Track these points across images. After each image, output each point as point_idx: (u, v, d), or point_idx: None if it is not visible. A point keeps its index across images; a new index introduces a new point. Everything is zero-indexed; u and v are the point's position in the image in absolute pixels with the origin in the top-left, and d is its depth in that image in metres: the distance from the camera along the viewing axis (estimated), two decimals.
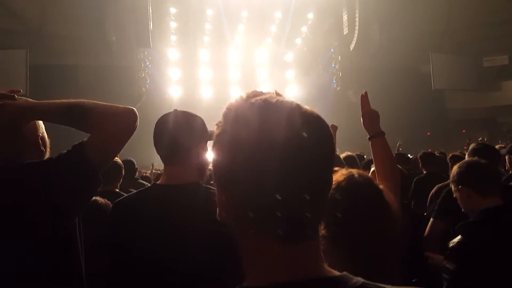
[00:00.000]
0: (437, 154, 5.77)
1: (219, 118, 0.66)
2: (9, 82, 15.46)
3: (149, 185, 4.12)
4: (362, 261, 0.91)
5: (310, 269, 0.59)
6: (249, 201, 0.59)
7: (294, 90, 22.26)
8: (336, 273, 0.60)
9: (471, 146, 3.04)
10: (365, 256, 0.97)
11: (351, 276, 0.60)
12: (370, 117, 1.79)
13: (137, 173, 4.85)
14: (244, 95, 0.66)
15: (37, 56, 17.50)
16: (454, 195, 2.00)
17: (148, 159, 9.24)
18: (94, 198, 2.27)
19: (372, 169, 1.84)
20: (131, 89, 19.57)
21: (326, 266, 0.61)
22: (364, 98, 1.85)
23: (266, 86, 21.93)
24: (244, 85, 21.69)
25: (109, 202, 2.12)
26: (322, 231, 0.67)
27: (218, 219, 0.66)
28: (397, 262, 1.06)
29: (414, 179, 4.42)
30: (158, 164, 6.37)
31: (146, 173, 6.90)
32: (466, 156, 2.97)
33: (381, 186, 1.16)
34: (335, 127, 3.67)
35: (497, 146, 4.88)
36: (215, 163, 0.64)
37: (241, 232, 0.62)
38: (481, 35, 21.98)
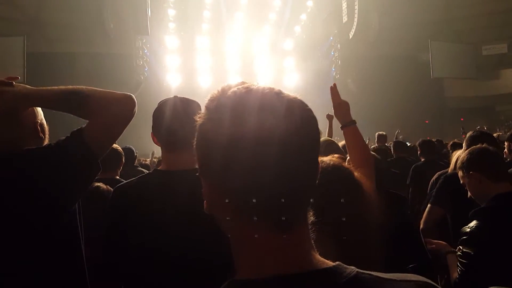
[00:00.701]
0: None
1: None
2: (6, 69, 15.37)
3: (147, 172, 4.14)
4: (336, 243, 0.91)
5: (302, 260, 0.58)
6: (233, 190, 0.58)
7: (293, 78, 22.19)
8: (330, 263, 0.59)
9: (468, 134, 3.05)
10: (339, 237, 0.96)
11: (344, 266, 0.59)
12: (341, 108, 1.90)
13: (136, 161, 4.86)
14: (224, 86, 0.67)
15: (35, 43, 17.37)
16: (462, 181, 2.00)
17: (147, 147, 9.25)
18: (96, 184, 2.29)
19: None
20: (129, 76, 19.45)
21: (317, 256, 0.60)
22: (334, 91, 1.93)
23: (265, 74, 21.86)
24: (243, 72, 21.61)
25: (111, 188, 2.13)
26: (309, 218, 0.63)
27: (206, 212, 0.66)
28: (377, 245, 1.06)
29: (412, 166, 4.44)
30: (158, 152, 6.37)
31: (145, 160, 6.91)
32: (464, 144, 2.98)
33: (355, 173, 1.17)
34: (331, 116, 3.65)
35: (495, 135, 4.89)
36: (199, 155, 0.65)
37: (229, 224, 0.61)
38: (480, 24, 21.87)
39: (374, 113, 18.24)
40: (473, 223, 1.76)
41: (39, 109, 1.43)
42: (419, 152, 4.83)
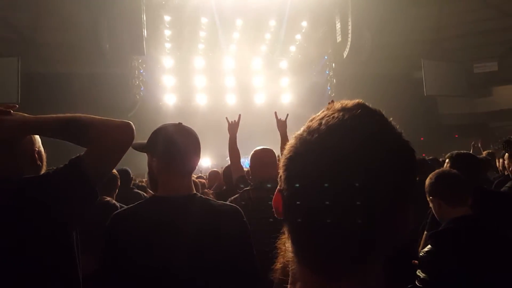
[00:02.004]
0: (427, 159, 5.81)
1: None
2: (1, 91, 15.35)
3: (144, 194, 4.11)
4: None
5: None
6: (299, 223, 0.54)
7: (289, 97, 22.36)
8: None
9: (447, 155, 2.99)
10: None
11: None
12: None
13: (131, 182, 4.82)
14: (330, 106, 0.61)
15: (30, 64, 17.40)
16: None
17: (142, 167, 9.19)
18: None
19: None
20: (125, 96, 19.49)
21: None
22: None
23: (261, 94, 22.02)
24: (239, 92, 21.75)
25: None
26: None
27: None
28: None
29: None
30: None
31: (141, 182, 6.85)
32: (445, 164, 2.94)
33: None
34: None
35: (484, 153, 4.92)
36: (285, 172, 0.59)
37: (291, 247, 0.58)
38: (470, 43, 22.32)
39: None
40: (427, 248, 1.77)
41: (36, 137, 1.43)
42: None
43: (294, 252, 0.57)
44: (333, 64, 22.74)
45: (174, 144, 1.53)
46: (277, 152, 2.75)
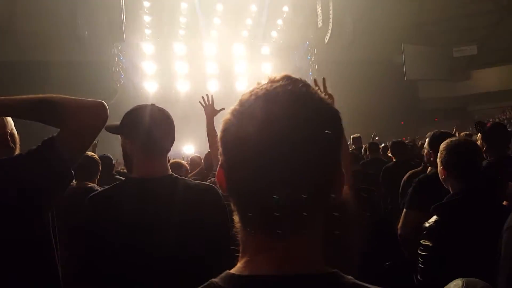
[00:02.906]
0: (407, 142, 5.94)
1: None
2: None
3: None
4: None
5: (300, 264, 0.56)
6: (243, 191, 0.57)
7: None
8: (329, 270, 0.58)
9: (428, 134, 3.05)
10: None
11: (341, 274, 0.58)
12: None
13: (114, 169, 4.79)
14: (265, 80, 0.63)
15: (6, 52, 16.92)
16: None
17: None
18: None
19: None
20: (105, 84, 19.15)
21: (320, 262, 0.59)
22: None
23: (243, 79, 21.92)
24: (221, 78, 21.59)
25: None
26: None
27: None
28: (354, 241, 1.09)
29: (383, 167, 4.51)
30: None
31: (123, 169, 6.80)
32: (426, 144, 2.96)
33: None
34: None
35: (462, 134, 5.04)
36: (222, 145, 0.61)
37: (237, 217, 0.61)
38: (450, 27, 22.60)
39: (351, 116, 18.38)
40: (433, 218, 1.83)
41: (9, 119, 1.41)
42: (390, 153, 4.93)
43: (241, 221, 0.60)
44: (315, 49, 22.76)
45: (146, 125, 1.52)
46: None
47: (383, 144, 6.49)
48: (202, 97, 3.14)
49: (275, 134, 0.54)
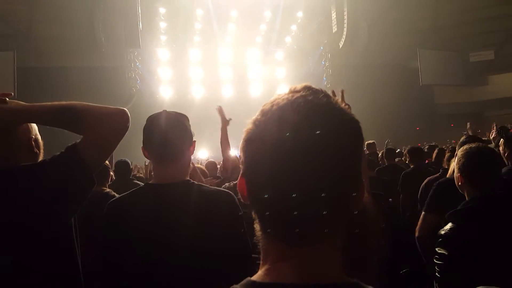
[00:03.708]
0: (426, 148, 5.88)
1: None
2: None
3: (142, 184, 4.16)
4: None
5: (320, 273, 0.57)
6: (264, 200, 0.57)
7: (285, 88, 22.24)
8: (349, 280, 0.58)
9: (461, 139, 3.10)
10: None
11: (362, 284, 0.58)
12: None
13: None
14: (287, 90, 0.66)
15: (25, 58, 17.29)
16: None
17: (140, 159, 9.22)
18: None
19: None
20: (121, 89, 19.42)
21: (340, 272, 0.59)
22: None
23: (257, 85, 21.96)
24: (235, 84, 21.68)
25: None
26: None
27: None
28: (374, 248, 1.08)
29: (400, 174, 4.48)
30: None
31: (139, 173, 6.88)
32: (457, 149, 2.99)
33: None
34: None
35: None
36: (244, 157, 0.63)
37: (259, 225, 0.62)
38: (467, 31, 22.26)
39: (365, 121, 18.17)
40: (448, 226, 1.81)
41: (33, 125, 1.44)
42: (408, 159, 4.89)
43: (263, 229, 0.61)
44: (329, 55, 22.67)
45: (156, 133, 1.56)
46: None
47: (398, 150, 6.43)
48: (218, 109, 3.25)
49: (298, 144, 0.55)
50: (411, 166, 4.70)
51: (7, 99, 1.31)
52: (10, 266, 1.23)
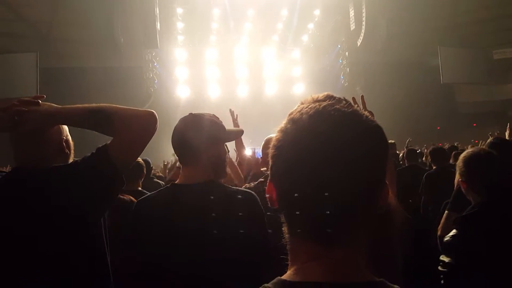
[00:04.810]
0: (446, 148, 5.78)
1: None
2: (21, 85, 15.72)
3: (163, 183, 4.22)
4: None
5: (348, 272, 0.60)
6: (296, 201, 0.60)
7: (301, 87, 22.24)
8: (375, 279, 0.60)
9: (488, 140, 3.06)
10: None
11: (388, 283, 0.60)
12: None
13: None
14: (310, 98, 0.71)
15: (47, 59, 17.70)
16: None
17: (158, 159, 9.34)
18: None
19: None
20: (139, 89, 19.70)
21: (365, 271, 0.61)
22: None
23: (273, 84, 21.95)
24: (251, 83, 21.72)
25: (134, 200, 2.21)
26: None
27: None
28: (399, 245, 1.09)
29: (425, 174, 4.43)
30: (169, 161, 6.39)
31: (158, 172, 6.98)
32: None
33: None
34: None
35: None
36: (272, 160, 0.66)
37: (287, 227, 0.65)
38: (489, 28, 21.73)
39: (384, 120, 17.83)
40: (452, 232, 1.78)
41: (64, 126, 1.49)
42: (430, 160, 4.82)
43: (292, 231, 0.64)
44: (347, 53, 22.46)
45: (176, 137, 1.63)
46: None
47: (418, 150, 6.33)
48: (232, 114, 3.29)
49: (330, 151, 0.59)
50: (434, 167, 4.63)
51: (40, 101, 1.35)
52: (42, 264, 1.26)
